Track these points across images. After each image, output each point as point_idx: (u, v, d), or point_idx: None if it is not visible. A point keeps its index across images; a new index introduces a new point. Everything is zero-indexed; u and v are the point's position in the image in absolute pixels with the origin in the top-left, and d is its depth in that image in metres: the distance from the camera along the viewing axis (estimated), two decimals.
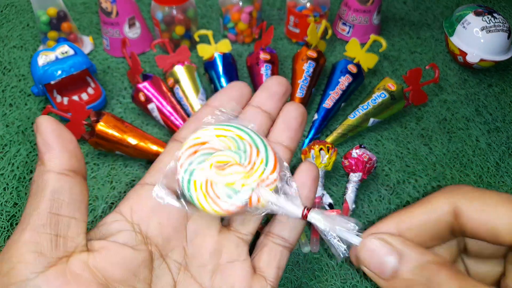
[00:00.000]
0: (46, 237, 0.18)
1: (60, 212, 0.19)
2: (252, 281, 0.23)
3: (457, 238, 0.22)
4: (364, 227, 0.21)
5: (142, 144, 0.49)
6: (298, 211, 0.22)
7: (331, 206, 0.47)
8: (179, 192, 0.22)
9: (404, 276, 0.18)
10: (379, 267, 0.19)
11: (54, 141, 0.19)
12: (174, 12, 0.62)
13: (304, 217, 0.22)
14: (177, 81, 0.56)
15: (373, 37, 0.58)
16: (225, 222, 0.25)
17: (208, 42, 0.60)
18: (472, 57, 0.63)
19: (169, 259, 0.22)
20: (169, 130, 0.54)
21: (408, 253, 0.18)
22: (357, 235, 0.21)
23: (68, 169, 0.19)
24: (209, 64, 0.59)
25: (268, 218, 0.32)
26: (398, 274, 0.18)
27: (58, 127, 0.20)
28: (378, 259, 0.19)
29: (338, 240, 0.22)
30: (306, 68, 0.58)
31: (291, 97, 0.57)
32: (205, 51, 0.60)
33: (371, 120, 0.54)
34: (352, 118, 0.54)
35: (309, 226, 0.46)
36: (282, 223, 0.25)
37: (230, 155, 0.23)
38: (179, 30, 0.64)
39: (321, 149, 0.47)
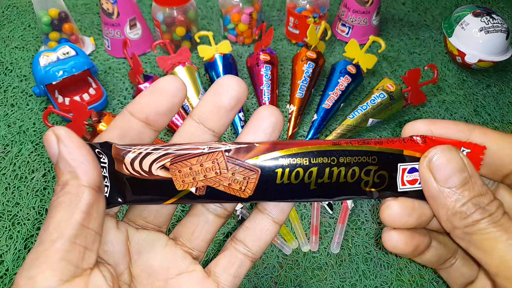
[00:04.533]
0: (76, 248, 0.18)
1: (89, 226, 0.19)
2: (202, 286, 0.23)
3: None
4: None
5: None
6: None
7: (330, 205, 0.48)
8: None
9: (457, 199, 0.19)
10: (446, 177, 0.20)
11: (85, 157, 0.19)
12: (175, 13, 0.63)
13: None
14: None
15: (372, 38, 0.58)
16: (171, 235, 0.25)
17: (209, 43, 0.61)
18: (471, 58, 0.64)
19: (121, 283, 0.22)
20: (170, 130, 0.55)
21: (475, 181, 0.20)
22: None
23: (98, 185, 0.20)
24: (210, 65, 0.60)
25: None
26: (454, 192, 0.19)
27: (83, 142, 0.20)
28: (449, 171, 0.20)
29: None
30: (306, 69, 0.58)
31: (290, 98, 0.58)
32: (205, 52, 0.60)
33: (370, 120, 0.55)
34: (351, 118, 0.55)
35: (308, 225, 0.47)
36: (247, 229, 0.24)
37: None
38: (180, 31, 0.64)
39: None
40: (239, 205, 0.46)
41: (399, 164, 0.21)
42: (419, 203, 0.21)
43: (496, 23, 0.63)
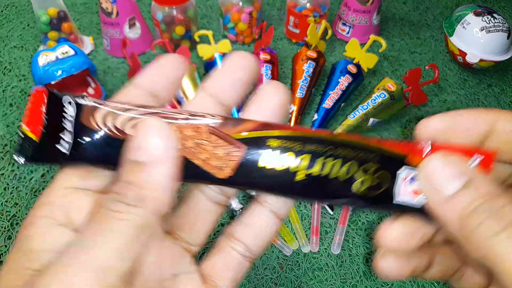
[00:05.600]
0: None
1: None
2: None
3: None
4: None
5: None
6: None
7: (331, 206, 0.47)
8: None
9: (465, 202, 0.17)
10: (446, 182, 0.17)
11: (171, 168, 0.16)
12: (174, 12, 0.62)
13: None
14: None
15: (372, 37, 0.58)
16: (168, 226, 0.22)
17: (208, 42, 0.60)
18: (472, 57, 0.63)
19: None
20: None
21: (479, 181, 0.17)
22: None
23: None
24: (209, 64, 0.59)
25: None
26: (458, 198, 0.17)
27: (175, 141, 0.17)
28: (447, 176, 0.17)
29: None
30: (306, 68, 0.58)
31: (291, 98, 0.57)
32: (205, 51, 0.60)
33: (371, 120, 0.54)
34: (352, 118, 0.54)
35: (309, 226, 0.46)
36: (246, 226, 0.21)
37: None
38: (179, 30, 0.64)
39: None
40: (239, 206, 0.45)
41: (398, 172, 0.18)
42: (423, 222, 0.19)
43: (497, 22, 0.63)
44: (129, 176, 0.16)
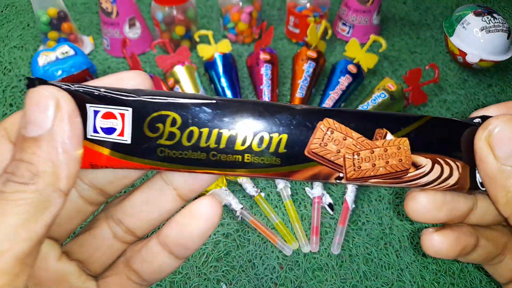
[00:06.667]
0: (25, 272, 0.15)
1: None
2: None
3: None
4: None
5: None
6: None
7: (331, 206, 0.47)
8: None
9: None
10: (509, 153, 0.17)
11: (79, 152, 0.15)
12: (174, 12, 0.62)
13: None
14: (177, 81, 0.56)
15: (373, 37, 0.58)
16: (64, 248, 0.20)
17: (208, 42, 0.60)
18: (472, 57, 0.63)
19: None
20: None
21: None
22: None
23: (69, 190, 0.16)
24: (209, 64, 0.59)
25: None
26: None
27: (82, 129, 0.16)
28: (503, 146, 0.17)
29: None
30: (306, 68, 0.58)
31: (291, 98, 0.57)
32: (205, 51, 0.60)
33: None
34: None
35: (309, 226, 0.46)
36: (146, 261, 0.20)
37: None
38: (179, 30, 0.64)
39: None
40: (239, 206, 0.45)
41: None
42: (452, 196, 0.19)
43: (497, 22, 0.62)
44: (21, 154, 0.15)
